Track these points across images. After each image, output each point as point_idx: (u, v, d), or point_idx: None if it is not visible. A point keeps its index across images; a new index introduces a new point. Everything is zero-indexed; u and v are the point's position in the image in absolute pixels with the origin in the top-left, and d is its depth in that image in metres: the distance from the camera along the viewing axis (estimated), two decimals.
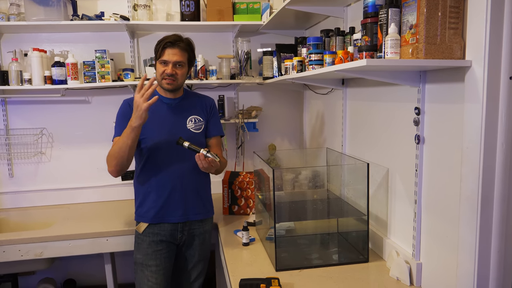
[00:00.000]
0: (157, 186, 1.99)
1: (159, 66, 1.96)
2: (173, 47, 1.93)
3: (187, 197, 2.02)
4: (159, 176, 1.98)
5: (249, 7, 2.82)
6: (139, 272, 2.02)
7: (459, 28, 1.32)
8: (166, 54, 1.92)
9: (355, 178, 2.02)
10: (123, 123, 1.89)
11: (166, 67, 1.93)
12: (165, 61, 1.93)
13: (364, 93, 2.08)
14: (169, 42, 1.92)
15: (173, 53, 1.92)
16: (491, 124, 1.25)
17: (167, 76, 1.93)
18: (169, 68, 1.93)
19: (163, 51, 1.93)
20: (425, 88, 1.55)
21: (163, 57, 1.93)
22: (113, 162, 1.88)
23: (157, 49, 1.95)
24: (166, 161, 1.98)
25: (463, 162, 1.33)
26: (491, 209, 1.28)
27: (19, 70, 2.65)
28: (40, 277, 3.02)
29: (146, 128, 1.94)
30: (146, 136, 1.96)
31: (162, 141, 1.97)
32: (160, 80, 1.97)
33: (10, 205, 2.90)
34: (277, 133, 3.25)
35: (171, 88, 1.97)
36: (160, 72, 1.95)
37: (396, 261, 1.70)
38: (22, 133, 2.89)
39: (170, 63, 1.93)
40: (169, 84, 1.95)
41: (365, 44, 1.50)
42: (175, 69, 1.94)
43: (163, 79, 1.95)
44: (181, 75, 1.97)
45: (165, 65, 1.94)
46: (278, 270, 1.78)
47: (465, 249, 1.33)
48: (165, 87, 1.97)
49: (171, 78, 1.94)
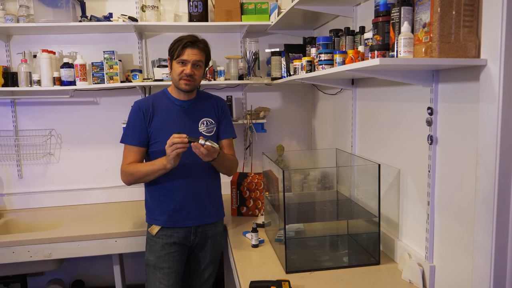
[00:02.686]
0: (170, 190, 1.97)
1: (176, 66, 1.91)
2: (193, 47, 1.89)
3: (200, 200, 2.01)
4: (172, 180, 1.96)
5: (257, 8, 2.81)
6: (151, 274, 2.00)
7: (474, 26, 1.30)
8: (186, 54, 1.88)
9: (366, 179, 1.99)
10: (134, 129, 1.94)
11: (185, 67, 1.90)
12: (185, 60, 1.89)
13: (375, 93, 2.05)
14: (189, 42, 1.89)
15: (193, 53, 1.89)
16: (507, 124, 1.22)
17: (186, 76, 1.90)
18: (188, 68, 1.89)
19: (183, 51, 1.88)
20: (438, 88, 1.53)
21: (183, 56, 1.89)
22: (130, 179, 1.96)
23: (175, 49, 1.90)
24: (179, 165, 1.96)
25: (479, 163, 1.30)
26: (508, 211, 1.25)
27: (28, 72, 2.66)
28: (48, 278, 3.03)
29: (158, 131, 1.94)
30: (158, 140, 1.94)
31: None
32: (177, 81, 1.93)
33: (19, 206, 2.92)
34: (285, 134, 3.23)
35: (188, 89, 1.94)
36: (178, 72, 1.91)
37: (409, 264, 1.68)
38: (31, 134, 2.90)
39: (190, 62, 1.89)
40: (186, 84, 1.92)
41: (377, 43, 1.47)
42: (194, 69, 1.91)
43: (180, 79, 1.92)
44: (198, 76, 1.95)
45: (184, 65, 1.90)
46: (288, 272, 1.76)
47: (480, 252, 1.30)
48: (183, 87, 1.94)
49: (189, 78, 1.91)
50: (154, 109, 1.96)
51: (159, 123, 1.95)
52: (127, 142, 1.96)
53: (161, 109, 1.98)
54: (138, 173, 1.92)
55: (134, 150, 1.95)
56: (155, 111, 1.96)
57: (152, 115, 1.95)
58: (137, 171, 1.92)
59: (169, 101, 2.01)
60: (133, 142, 1.95)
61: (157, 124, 1.95)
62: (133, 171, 1.93)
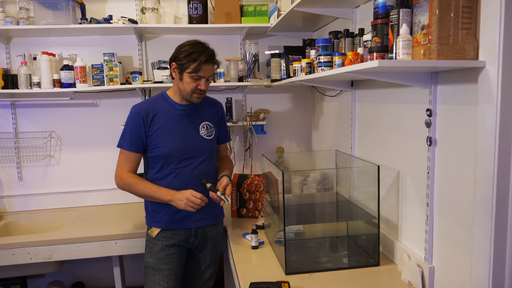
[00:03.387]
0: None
1: (190, 80, 1.88)
2: (209, 63, 1.89)
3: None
4: (173, 183, 1.96)
5: (257, 10, 2.82)
6: (150, 276, 2.00)
7: (472, 28, 1.30)
8: (203, 70, 1.86)
9: (365, 180, 2.00)
10: (132, 136, 1.93)
11: (199, 82, 1.89)
12: (201, 77, 1.88)
13: (374, 95, 2.06)
14: (208, 58, 1.87)
15: (209, 69, 1.90)
16: (505, 125, 1.22)
17: (199, 92, 1.91)
18: (202, 83, 1.89)
19: (200, 67, 1.84)
20: (436, 89, 1.53)
21: (200, 73, 1.86)
22: (125, 188, 1.97)
23: (189, 61, 1.85)
24: (179, 168, 1.97)
25: (477, 165, 1.30)
26: (506, 212, 1.26)
27: (28, 74, 2.66)
28: (49, 280, 3.03)
29: (159, 136, 1.94)
30: (159, 145, 1.94)
31: (176, 148, 1.95)
32: (190, 95, 1.91)
33: (19, 208, 2.92)
34: (285, 136, 3.23)
35: (200, 101, 1.97)
36: (192, 87, 1.88)
37: (408, 265, 1.68)
38: (31, 136, 2.91)
39: (205, 78, 1.90)
40: (199, 98, 1.94)
41: (376, 45, 1.48)
42: (206, 83, 1.92)
43: (194, 93, 1.91)
44: (208, 87, 1.95)
45: (198, 79, 1.89)
46: (288, 273, 1.76)
47: (479, 253, 1.31)
48: (195, 101, 1.95)
49: (203, 92, 1.93)
50: (154, 114, 1.95)
51: (159, 128, 1.94)
52: (124, 147, 1.96)
53: (162, 114, 1.96)
54: (136, 189, 1.94)
55: (130, 155, 1.95)
56: (156, 116, 1.95)
57: (152, 120, 1.94)
58: (135, 188, 1.94)
59: (170, 105, 1.99)
60: (130, 148, 1.94)
61: (158, 129, 1.94)
62: (132, 184, 1.94)
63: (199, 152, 1.99)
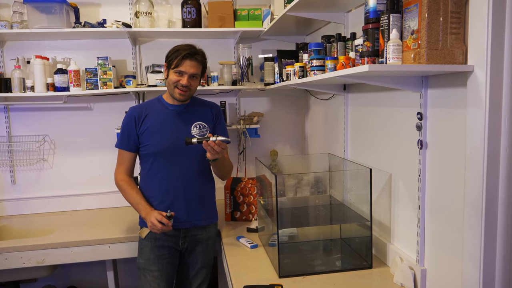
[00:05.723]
0: (160, 192, 2.00)
1: (173, 76, 1.93)
2: (192, 59, 1.92)
3: (190, 203, 2.02)
4: (163, 182, 1.99)
5: (250, 14, 2.83)
6: (142, 277, 2.01)
7: (461, 33, 1.33)
8: (184, 65, 1.91)
9: (358, 183, 2.01)
10: (126, 135, 2.02)
11: (181, 78, 1.93)
12: (182, 72, 1.92)
13: (366, 99, 2.08)
14: (188, 53, 1.90)
15: (191, 65, 1.92)
16: (494, 128, 1.24)
17: (181, 87, 1.93)
18: (184, 79, 1.92)
19: (181, 62, 1.90)
20: (427, 93, 1.55)
21: (181, 67, 1.91)
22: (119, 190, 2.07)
23: (173, 58, 1.92)
24: (170, 167, 1.99)
25: (467, 167, 1.32)
26: (496, 214, 1.27)
27: (21, 77, 2.66)
28: (42, 284, 3.01)
29: (150, 134, 1.98)
30: (150, 142, 1.98)
31: (167, 147, 1.98)
32: (172, 89, 1.96)
33: (12, 212, 2.90)
34: (278, 139, 3.25)
35: (182, 98, 1.98)
36: (174, 81, 1.93)
37: (400, 267, 1.69)
38: (24, 140, 2.90)
39: (187, 74, 1.92)
40: (181, 95, 1.96)
41: (367, 49, 1.50)
42: (190, 80, 1.94)
43: (175, 88, 1.94)
44: (194, 87, 1.98)
45: (180, 75, 1.93)
46: (281, 276, 1.77)
47: (469, 255, 1.32)
48: (177, 97, 1.97)
49: (184, 89, 1.94)
50: (146, 114, 2.01)
51: (150, 126, 1.99)
52: (119, 146, 2.05)
53: (154, 114, 2.02)
54: (124, 195, 2.05)
55: (124, 154, 2.05)
56: (147, 116, 2.01)
57: (144, 119, 2.00)
58: (124, 194, 2.05)
59: (163, 106, 2.04)
60: (126, 148, 2.03)
61: (148, 128, 1.99)
62: (121, 189, 2.05)
63: (190, 152, 1.99)
